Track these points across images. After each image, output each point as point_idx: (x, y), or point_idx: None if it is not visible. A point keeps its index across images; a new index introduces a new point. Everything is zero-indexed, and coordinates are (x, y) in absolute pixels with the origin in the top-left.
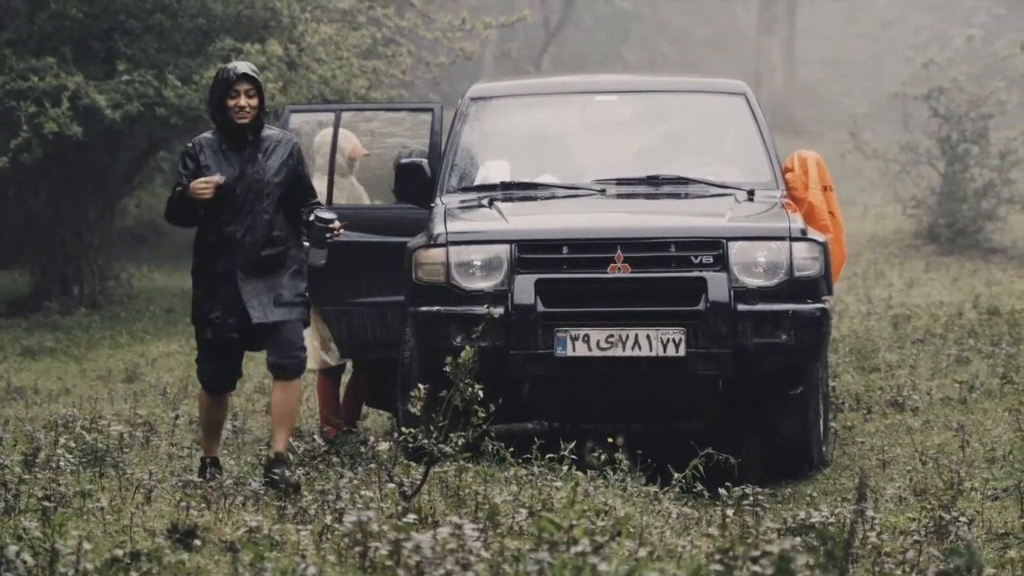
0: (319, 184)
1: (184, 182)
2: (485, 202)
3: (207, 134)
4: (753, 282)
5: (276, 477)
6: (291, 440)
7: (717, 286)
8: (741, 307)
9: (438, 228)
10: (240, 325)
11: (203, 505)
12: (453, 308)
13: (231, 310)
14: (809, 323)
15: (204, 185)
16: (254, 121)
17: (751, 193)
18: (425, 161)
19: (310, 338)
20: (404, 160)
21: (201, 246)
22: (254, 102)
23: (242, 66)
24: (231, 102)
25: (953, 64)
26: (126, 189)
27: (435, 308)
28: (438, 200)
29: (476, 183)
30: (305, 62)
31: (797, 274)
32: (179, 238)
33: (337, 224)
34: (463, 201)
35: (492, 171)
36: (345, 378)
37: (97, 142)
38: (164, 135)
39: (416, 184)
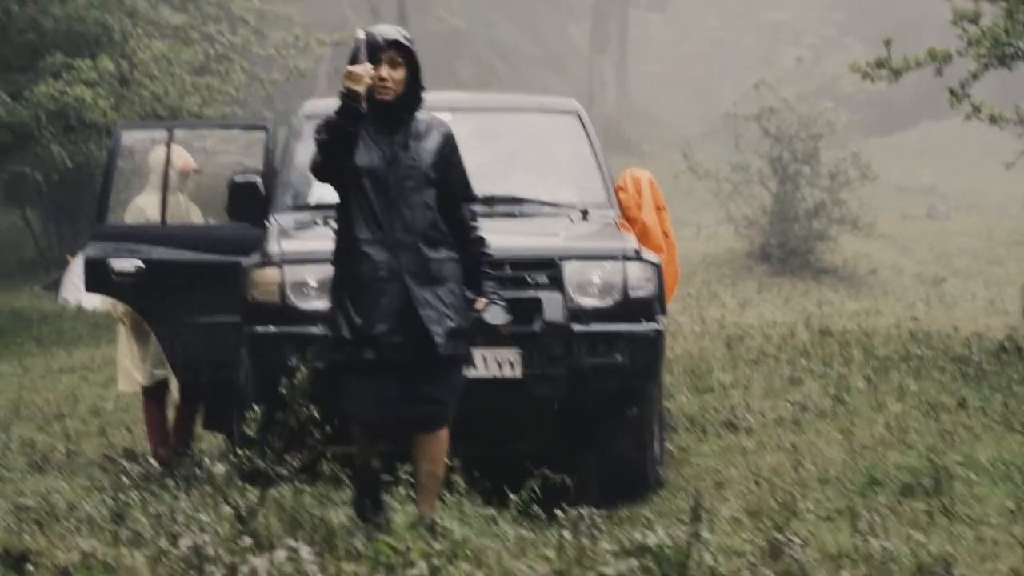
0: (152, 201)
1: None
2: (320, 221)
3: None
4: (588, 302)
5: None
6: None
7: (552, 306)
8: (576, 327)
9: (272, 247)
10: (407, 345)
11: (35, 529)
12: (288, 328)
13: (399, 324)
14: (644, 343)
15: (356, 76)
16: (405, 98)
17: (585, 212)
18: (259, 179)
19: (120, 357)
20: (237, 178)
21: (352, 247)
22: (400, 74)
23: (390, 31)
24: (369, 60)
25: (783, 84)
26: None
27: (270, 328)
28: (272, 219)
29: (311, 202)
30: (137, 78)
31: (632, 294)
32: (10, 256)
33: (509, 316)
34: (298, 220)
35: (328, 190)
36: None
37: None
38: None
39: (250, 203)
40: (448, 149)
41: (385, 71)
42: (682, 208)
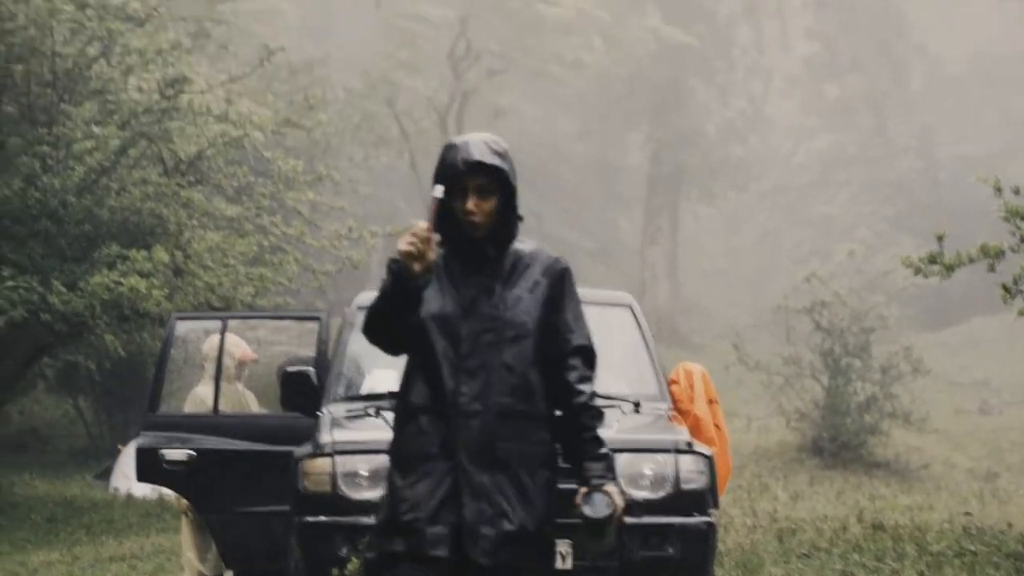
0: (206, 392)
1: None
2: (372, 411)
3: None
4: (639, 494)
5: None
6: None
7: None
8: (627, 519)
9: (324, 437)
10: (452, 540)
11: None
12: (339, 518)
13: (444, 513)
14: (696, 536)
15: (412, 239)
16: (496, 230)
17: (637, 405)
18: (311, 370)
19: (184, 550)
20: (290, 369)
21: (406, 413)
22: (490, 204)
23: (475, 149)
24: (458, 203)
25: (835, 278)
26: (8, 395)
27: (320, 518)
28: (324, 409)
29: (363, 392)
30: (191, 269)
31: (683, 487)
32: (62, 444)
33: (619, 502)
34: (350, 410)
35: (379, 380)
36: None
37: None
38: (48, 341)
39: (302, 392)
40: (556, 290)
41: (472, 202)
42: (733, 400)
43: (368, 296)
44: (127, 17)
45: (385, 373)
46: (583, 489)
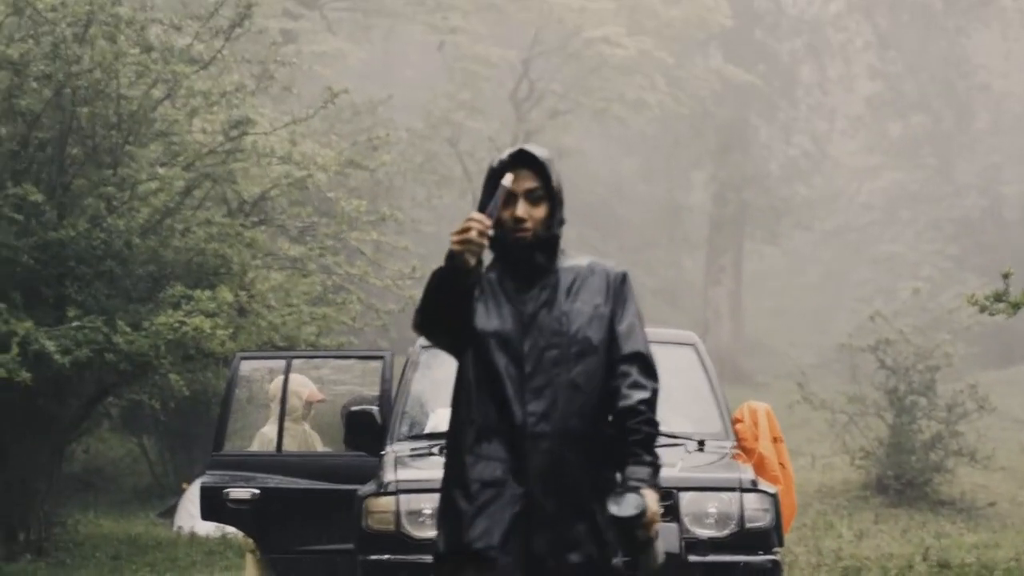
0: (272, 432)
1: None
2: (436, 450)
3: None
4: (704, 533)
5: None
6: None
7: (668, 536)
8: (692, 558)
9: (388, 476)
10: (521, 569)
11: None
12: (403, 557)
13: (511, 541)
14: (761, 575)
15: (471, 224)
16: (543, 239)
17: (701, 443)
18: (375, 409)
19: None
20: (354, 408)
21: (465, 437)
22: (541, 211)
23: (520, 147)
24: (506, 212)
25: (899, 316)
26: (74, 435)
27: (385, 556)
28: (388, 448)
29: (427, 431)
30: (255, 308)
31: (748, 525)
32: (126, 483)
33: (652, 506)
34: (413, 449)
35: (443, 420)
36: None
37: (45, 387)
38: (113, 381)
39: (366, 432)
40: (617, 298)
41: (523, 208)
42: (797, 438)
43: None
44: (191, 60)
45: (449, 412)
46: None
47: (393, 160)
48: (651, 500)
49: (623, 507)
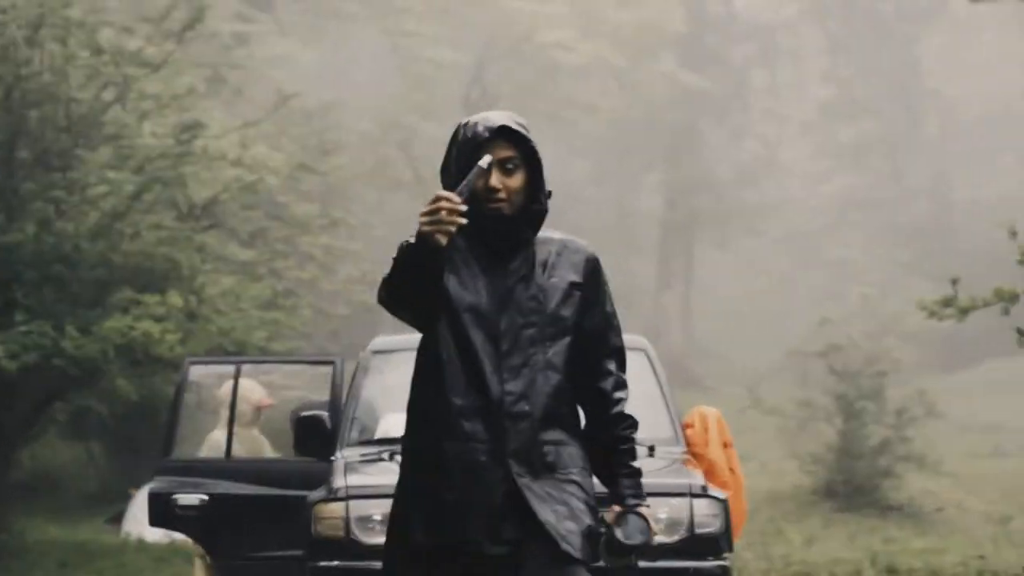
0: (222, 437)
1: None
2: (386, 456)
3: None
4: (654, 538)
5: None
6: None
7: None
8: (642, 563)
9: (338, 482)
10: (514, 556)
11: None
12: (353, 563)
13: (504, 528)
14: None
15: (434, 210)
16: (527, 210)
17: (652, 449)
18: (325, 414)
19: None
20: (303, 413)
21: (437, 416)
22: (517, 180)
23: (497, 117)
24: (479, 181)
25: (849, 321)
26: (20, 440)
27: (334, 563)
28: (338, 454)
29: (377, 437)
30: (205, 313)
31: (698, 531)
32: (74, 489)
33: (654, 528)
34: (364, 455)
35: (393, 425)
36: None
37: None
38: (61, 386)
39: (316, 437)
40: (591, 283)
41: (496, 178)
42: (747, 443)
43: (383, 341)
44: (142, 62)
45: (399, 417)
46: (615, 507)
47: (344, 164)
48: (651, 520)
49: (629, 534)
